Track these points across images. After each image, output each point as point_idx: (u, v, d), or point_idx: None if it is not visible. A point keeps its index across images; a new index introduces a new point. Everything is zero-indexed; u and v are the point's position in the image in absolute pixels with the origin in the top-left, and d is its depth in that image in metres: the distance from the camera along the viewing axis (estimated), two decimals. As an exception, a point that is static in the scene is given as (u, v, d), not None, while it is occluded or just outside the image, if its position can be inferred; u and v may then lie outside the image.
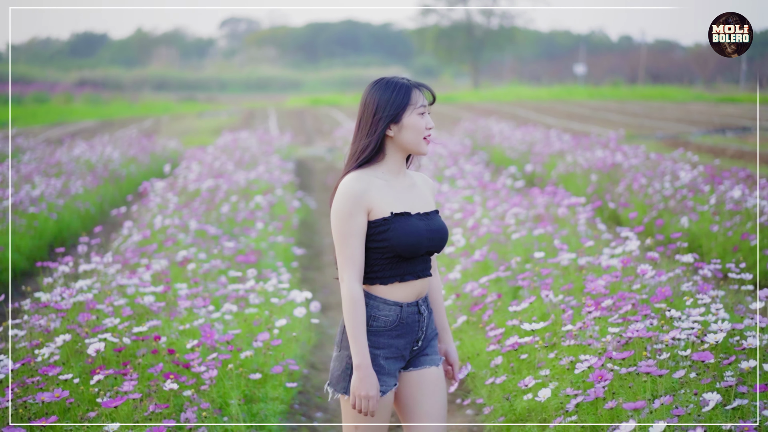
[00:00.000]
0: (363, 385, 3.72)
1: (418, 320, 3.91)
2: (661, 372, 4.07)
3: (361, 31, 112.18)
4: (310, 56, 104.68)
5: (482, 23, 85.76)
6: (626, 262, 6.48)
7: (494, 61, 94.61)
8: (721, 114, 39.91)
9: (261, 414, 5.56)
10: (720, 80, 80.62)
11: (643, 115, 40.06)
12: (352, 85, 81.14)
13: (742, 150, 22.63)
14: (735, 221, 10.11)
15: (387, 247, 3.79)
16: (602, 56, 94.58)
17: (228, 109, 49.18)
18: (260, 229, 10.58)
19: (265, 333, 5.80)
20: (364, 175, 3.83)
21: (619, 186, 13.30)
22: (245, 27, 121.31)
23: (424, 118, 3.86)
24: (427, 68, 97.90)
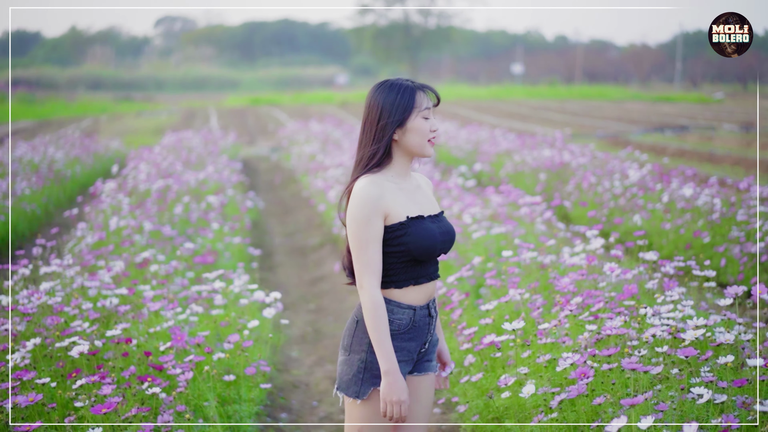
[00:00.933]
0: (394, 391, 3.69)
1: (428, 323, 3.92)
2: (646, 368, 4.12)
3: (298, 30, 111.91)
4: (247, 55, 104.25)
5: (420, 23, 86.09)
6: (591, 260, 6.54)
7: (432, 60, 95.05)
8: (658, 113, 40.50)
9: (236, 415, 5.53)
10: (655, 79, 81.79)
11: (582, 114, 40.51)
12: (290, 84, 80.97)
13: (683, 148, 22.99)
14: (686, 219, 10.27)
15: (404, 251, 3.78)
16: (538, 56, 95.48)
17: (167, 109, 48.78)
18: (215, 230, 10.52)
19: (236, 334, 5.76)
20: (378, 179, 3.81)
21: (569, 185, 13.44)
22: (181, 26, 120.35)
23: (428, 120, 3.85)
24: (365, 67, 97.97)
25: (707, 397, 3.84)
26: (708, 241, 9.51)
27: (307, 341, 8.97)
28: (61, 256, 9.21)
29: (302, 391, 7.61)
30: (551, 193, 13.86)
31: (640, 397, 3.68)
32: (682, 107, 46.36)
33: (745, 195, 10.50)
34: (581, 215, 12.18)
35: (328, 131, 24.02)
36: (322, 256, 12.55)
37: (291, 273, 11.84)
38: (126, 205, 11.00)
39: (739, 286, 4.87)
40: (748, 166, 18.93)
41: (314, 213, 15.49)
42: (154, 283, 7.29)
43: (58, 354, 5.46)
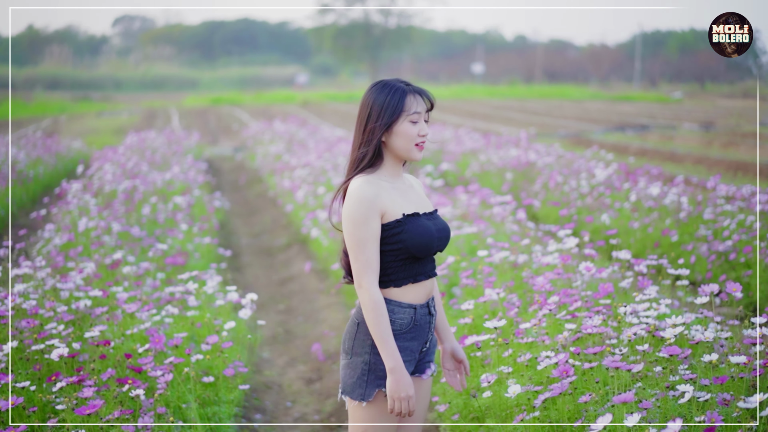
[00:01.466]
0: (401, 387, 3.69)
1: (429, 321, 3.91)
2: (629, 367, 4.16)
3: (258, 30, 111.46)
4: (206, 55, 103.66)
5: (380, 22, 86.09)
6: (566, 259, 6.58)
7: (392, 60, 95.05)
8: (618, 112, 40.80)
9: (215, 417, 5.51)
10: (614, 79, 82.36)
11: (543, 113, 40.73)
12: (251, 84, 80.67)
13: (644, 147, 23.18)
14: (653, 217, 10.36)
15: (401, 249, 3.78)
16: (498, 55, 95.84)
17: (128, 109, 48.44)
18: (185, 231, 10.47)
19: (214, 336, 5.74)
20: (372, 179, 3.82)
21: (536, 184, 13.51)
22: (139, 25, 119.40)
23: (416, 125, 3.83)
24: (325, 67, 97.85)
25: (690, 395, 3.87)
26: (676, 239, 9.60)
27: (278, 342, 8.96)
28: (31, 258, 9.13)
29: (275, 392, 7.60)
30: (518, 192, 13.93)
31: (630, 395, 3.71)
32: (641, 106, 46.75)
33: (712, 194, 10.61)
34: (548, 214, 12.25)
35: (293, 131, 23.98)
36: (290, 257, 12.52)
37: (259, 274, 11.81)
38: (93, 206, 10.92)
39: (709, 284, 4.91)
40: (710, 164, 19.14)
41: (281, 213, 15.46)
42: (126, 285, 7.25)
43: (35, 357, 5.42)
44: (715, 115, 36.73)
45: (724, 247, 8.88)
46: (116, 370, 5.32)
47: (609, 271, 6.49)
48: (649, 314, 5.08)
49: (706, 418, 3.81)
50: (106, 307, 6.21)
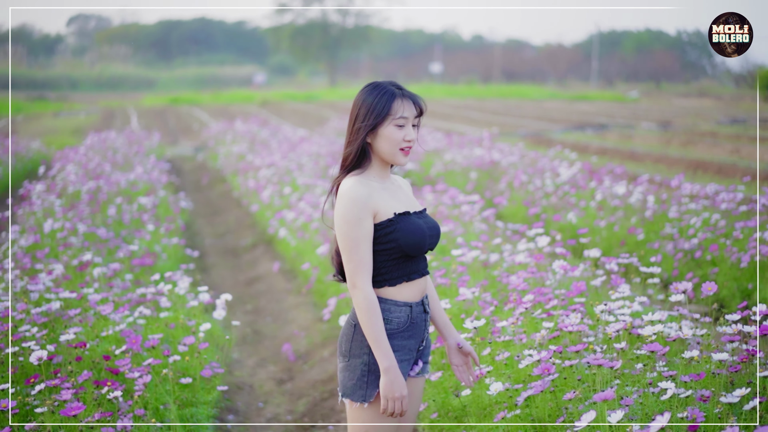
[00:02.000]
0: (395, 387, 3.70)
1: (425, 319, 3.94)
2: (612, 364, 4.20)
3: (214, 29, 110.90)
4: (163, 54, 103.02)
5: (338, 22, 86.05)
6: (539, 258, 6.64)
7: (350, 59, 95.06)
8: (576, 111, 41.08)
9: (193, 418, 5.50)
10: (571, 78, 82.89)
11: (503, 113, 40.92)
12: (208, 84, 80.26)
13: (604, 147, 23.35)
14: (619, 216, 10.45)
15: (394, 248, 3.79)
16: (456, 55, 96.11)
17: (85, 109, 48.00)
18: (152, 231, 10.42)
19: (191, 337, 5.72)
20: (363, 180, 3.84)
21: (501, 183, 13.57)
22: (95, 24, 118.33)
23: (402, 129, 3.83)
24: (283, 66, 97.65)
25: (672, 392, 3.92)
26: (642, 238, 9.69)
27: (248, 342, 8.94)
28: (0, 260, 9.04)
29: (247, 393, 7.59)
30: (483, 191, 13.98)
31: (611, 392, 3.74)
32: (599, 106, 47.09)
33: (676, 192, 10.73)
34: (514, 213, 12.31)
35: (254, 131, 23.91)
36: (255, 257, 12.49)
37: (225, 274, 11.77)
38: (58, 206, 10.84)
39: (681, 282, 4.97)
40: (670, 163, 19.32)
41: (245, 213, 15.42)
42: (97, 286, 7.20)
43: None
44: (672, 115, 37.09)
45: (690, 245, 8.98)
46: (93, 372, 5.28)
47: (580, 270, 6.53)
48: (623, 312, 5.13)
49: (688, 415, 3.86)
50: (78, 309, 6.16)
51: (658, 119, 34.15)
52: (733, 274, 8.30)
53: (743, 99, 49.92)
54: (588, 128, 30.95)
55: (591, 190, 11.81)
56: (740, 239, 8.72)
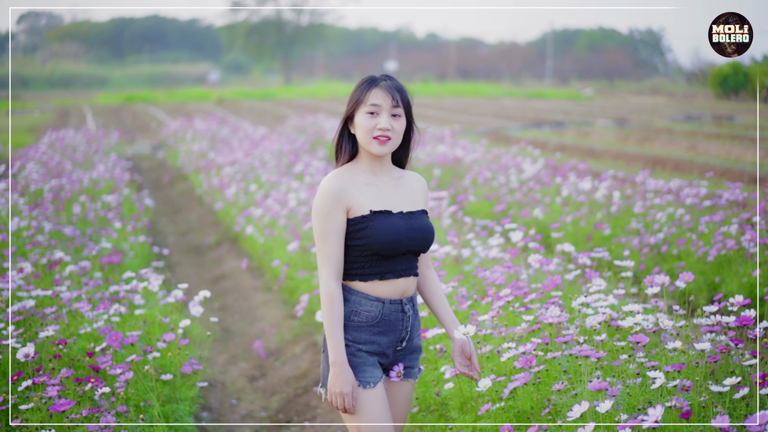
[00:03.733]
0: (338, 382, 3.70)
1: (401, 318, 3.87)
2: (598, 355, 4.25)
3: (168, 27, 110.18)
4: (115, 52, 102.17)
5: (292, 20, 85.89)
6: (514, 253, 6.70)
7: (305, 57, 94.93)
8: (533, 109, 41.34)
9: (175, 414, 5.49)
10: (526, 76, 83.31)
11: (459, 110, 41.05)
12: (161, 81, 79.80)
13: (563, 143, 23.54)
14: (584, 212, 10.55)
15: (365, 245, 3.75)
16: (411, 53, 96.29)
17: (39, 107, 47.52)
18: (119, 229, 10.36)
19: (171, 334, 5.71)
20: (346, 173, 3.81)
21: (465, 180, 13.64)
22: (45, 22, 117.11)
23: (375, 117, 3.78)
24: (237, 64, 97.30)
25: (661, 382, 3.97)
26: (609, 233, 9.79)
27: (217, 340, 8.91)
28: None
29: (219, 390, 7.59)
30: (446, 188, 14.05)
31: (604, 383, 3.79)
32: (554, 103, 47.41)
33: (641, 188, 10.85)
34: (479, 209, 12.38)
35: (214, 129, 23.83)
36: (220, 255, 12.46)
37: (190, 272, 11.73)
38: (23, 205, 10.75)
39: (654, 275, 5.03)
40: (628, 159, 19.53)
41: (208, 211, 15.37)
42: (68, 284, 7.16)
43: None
44: (627, 112, 37.44)
45: (656, 240, 9.10)
46: (73, 370, 5.26)
47: (554, 264, 6.60)
48: (601, 305, 5.19)
49: (674, 404, 3.91)
50: (54, 307, 6.13)
51: (613, 116, 34.47)
52: (700, 267, 8.42)
53: (695, 96, 50.53)
54: (545, 125, 31.16)
55: (556, 186, 11.91)
56: (705, 233, 8.84)
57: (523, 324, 5.09)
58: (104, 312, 6.40)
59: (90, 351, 5.35)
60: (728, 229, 8.42)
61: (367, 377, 3.79)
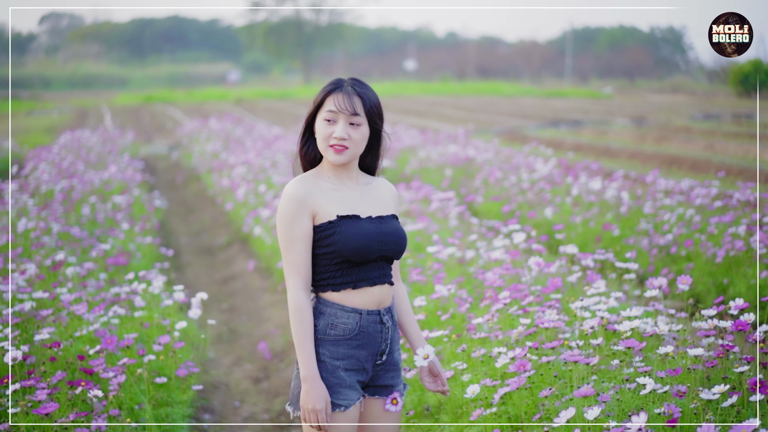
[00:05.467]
0: (310, 398, 3.52)
1: (380, 330, 3.68)
2: (588, 360, 4.19)
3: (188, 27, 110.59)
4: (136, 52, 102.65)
5: (311, 19, 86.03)
6: (515, 254, 6.63)
7: (324, 57, 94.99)
8: (551, 108, 41.19)
9: (169, 418, 5.46)
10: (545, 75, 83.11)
11: (477, 109, 40.96)
12: (182, 82, 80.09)
13: (579, 143, 23.42)
14: (594, 212, 10.46)
15: (334, 252, 3.58)
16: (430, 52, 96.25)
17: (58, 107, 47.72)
18: (126, 230, 10.35)
19: (166, 336, 5.68)
20: (310, 178, 3.65)
21: (476, 180, 13.57)
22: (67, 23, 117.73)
23: (331, 125, 3.59)
24: (257, 64, 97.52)
25: (651, 387, 3.91)
26: (618, 233, 9.71)
27: (223, 341, 8.90)
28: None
29: (223, 392, 7.55)
30: (458, 188, 13.98)
31: (590, 389, 3.73)
32: (573, 102, 47.24)
33: (651, 188, 10.76)
34: (489, 210, 12.31)
35: (229, 129, 23.83)
36: (231, 255, 12.45)
37: (200, 273, 11.72)
38: (32, 206, 10.76)
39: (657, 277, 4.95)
40: (644, 159, 19.40)
41: (220, 212, 15.36)
42: (70, 286, 7.14)
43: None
44: (645, 111, 37.25)
45: (665, 241, 9.00)
46: (66, 373, 5.23)
47: (556, 266, 6.53)
48: (599, 308, 5.12)
49: (665, 410, 3.85)
50: (51, 309, 6.11)
51: (632, 115, 34.29)
52: (708, 269, 8.33)
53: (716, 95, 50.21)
54: (562, 125, 31.03)
55: (566, 186, 11.82)
56: (715, 234, 8.74)
57: (519, 328, 5.03)
58: (103, 314, 6.39)
59: (82, 354, 5.31)
60: (737, 230, 8.32)
61: (339, 399, 3.61)
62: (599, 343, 4.60)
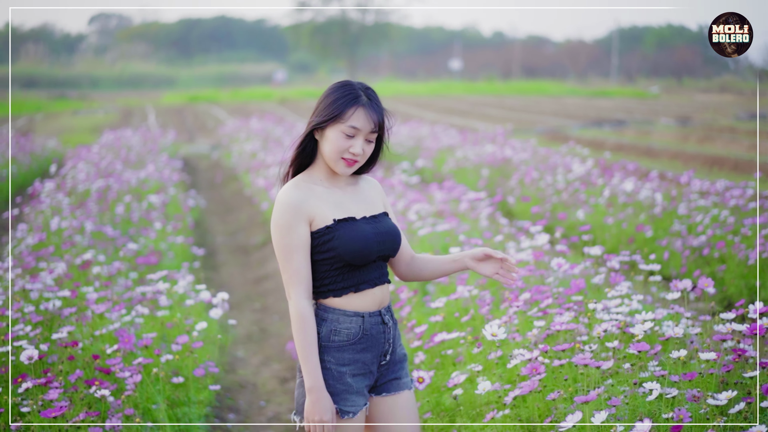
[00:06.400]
0: (316, 410, 3.48)
1: (383, 331, 3.68)
2: (598, 364, 4.14)
3: (234, 27, 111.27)
4: (183, 52, 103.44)
5: (357, 19, 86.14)
6: (538, 255, 6.57)
7: (370, 56, 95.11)
8: (595, 107, 40.92)
9: (185, 418, 5.47)
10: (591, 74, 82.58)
11: (520, 109, 40.79)
12: (228, 81, 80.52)
13: (621, 143, 23.24)
14: (628, 213, 10.36)
15: (335, 257, 3.55)
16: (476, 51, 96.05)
17: (104, 107, 48.19)
18: (158, 230, 10.41)
19: (184, 336, 5.69)
20: (303, 183, 3.62)
21: (512, 180, 13.50)
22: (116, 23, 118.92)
23: (350, 140, 3.57)
24: (303, 64, 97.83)
25: (657, 392, 3.85)
26: (651, 235, 9.60)
27: (253, 341, 8.92)
28: (1, 259, 9.06)
29: (249, 391, 7.57)
30: (494, 188, 13.91)
31: (593, 394, 3.69)
32: (618, 102, 46.89)
33: (686, 189, 10.63)
34: (525, 210, 12.24)
35: (269, 129, 23.90)
36: (265, 255, 12.48)
37: (234, 272, 11.76)
38: (66, 205, 10.85)
39: (682, 279, 4.88)
40: (686, 159, 19.19)
41: (256, 211, 15.41)
42: (97, 285, 7.18)
43: (1, 359, 5.36)
44: (691, 110, 36.88)
45: (698, 243, 8.89)
46: (84, 372, 5.26)
47: (581, 267, 6.46)
48: (620, 310, 5.06)
49: (674, 416, 3.80)
50: (74, 308, 6.14)
51: (677, 115, 33.96)
52: (740, 271, 8.21)
53: (765, 94, 49.58)
54: (605, 124, 30.81)
55: (601, 187, 11.72)
56: (748, 236, 8.62)
57: (534, 330, 4.98)
58: (126, 314, 6.42)
59: (96, 353, 5.34)
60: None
61: (347, 406, 3.58)
62: (615, 346, 4.54)
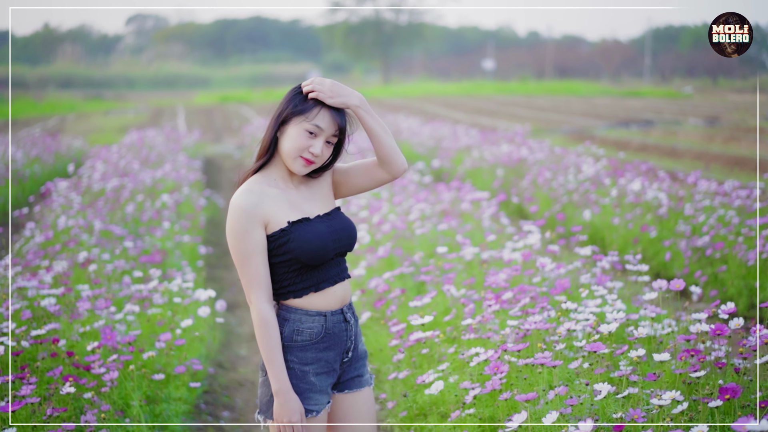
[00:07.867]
0: (285, 411, 3.49)
1: (345, 329, 3.69)
2: (555, 363, 4.14)
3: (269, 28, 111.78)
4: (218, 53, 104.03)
5: (391, 19, 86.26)
6: (527, 255, 6.57)
7: (404, 56, 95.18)
8: (625, 108, 40.68)
9: (164, 414, 5.51)
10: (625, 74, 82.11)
11: (549, 109, 40.62)
12: (262, 82, 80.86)
13: (645, 143, 23.11)
14: (635, 213, 10.32)
15: (292, 259, 3.54)
16: (510, 51, 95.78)
17: (135, 107, 48.55)
18: (166, 229, 10.48)
19: (168, 333, 5.75)
20: (256, 186, 3.57)
21: (525, 180, 13.47)
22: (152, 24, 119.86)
23: (310, 139, 3.54)
24: (337, 64, 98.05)
25: (605, 393, 3.85)
26: (655, 235, 9.56)
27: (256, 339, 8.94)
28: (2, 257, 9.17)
29: (247, 390, 7.60)
30: (508, 188, 13.89)
31: (532, 393, 3.70)
32: (649, 102, 46.58)
33: (693, 189, 10.57)
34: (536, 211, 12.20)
35: (290, 129, 23.94)
36: (276, 255, 12.50)
37: (243, 272, 11.78)
38: (77, 204, 10.95)
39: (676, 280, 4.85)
40: (709, 160, 19.05)
41: (272, 211, 15.44)
42: (93, 283, 7.25)
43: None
44: (722, 110, 36.58)
45: (702, 243, 8.84)
46: (64, 368, 5.32)
47: (569, 267, 6.46)
48: (597, 311, 5.05)
49: (626, 416, 3.80)
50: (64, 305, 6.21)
51: (706, 115, 33.71)
52: (740, 272, 8.17)
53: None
54: (633, 125, 30.64)
55: (609, 187, 11.67)
56: (750, 237, 8.56)
57: (506, 329, 4.99)
58: (117, 311, 6.48)
59: (72, 351, 5.39)
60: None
61: (311, 405, 3.59)
62: (582, 345, 4.54)
